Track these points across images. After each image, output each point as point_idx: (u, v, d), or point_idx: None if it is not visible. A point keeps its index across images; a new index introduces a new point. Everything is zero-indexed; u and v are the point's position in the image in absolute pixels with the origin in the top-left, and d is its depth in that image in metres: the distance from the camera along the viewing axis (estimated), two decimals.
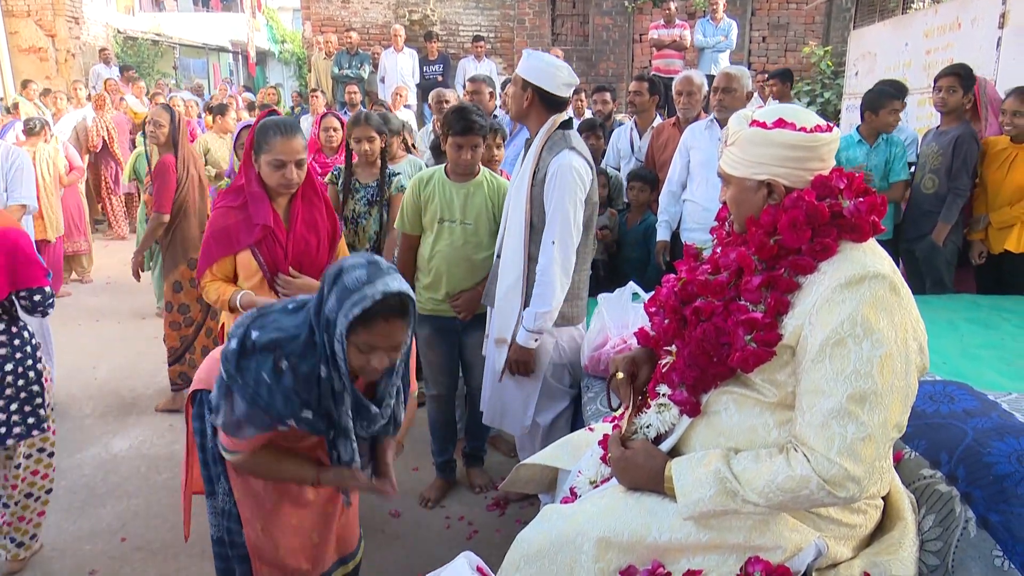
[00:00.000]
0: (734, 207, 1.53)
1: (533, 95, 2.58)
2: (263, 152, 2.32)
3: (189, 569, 2.76)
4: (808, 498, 1.35)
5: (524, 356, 2.65)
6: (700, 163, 3.82)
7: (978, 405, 1.79)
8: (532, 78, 2.57)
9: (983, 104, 4.01)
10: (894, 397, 1.33)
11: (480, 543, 2.88)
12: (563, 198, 2.51)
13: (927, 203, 4.05)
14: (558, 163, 2.52)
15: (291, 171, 2.32)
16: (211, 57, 19.68)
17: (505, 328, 2.70)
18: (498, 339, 2.74)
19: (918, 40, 6.46)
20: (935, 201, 3.99)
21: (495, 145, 3.49)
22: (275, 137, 2.29)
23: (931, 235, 3.99)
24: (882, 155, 4.16)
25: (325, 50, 10.24)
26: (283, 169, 2.31)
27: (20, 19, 11.20)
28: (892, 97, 4.12)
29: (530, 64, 2.59)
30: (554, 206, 2.52)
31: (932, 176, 4.03)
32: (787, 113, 1.46)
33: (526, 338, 2.61)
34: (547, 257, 2.54)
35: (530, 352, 2.65)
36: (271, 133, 2.30)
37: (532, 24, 10.67)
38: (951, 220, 3.92)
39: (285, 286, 2.38)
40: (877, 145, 4.17)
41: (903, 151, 4.16)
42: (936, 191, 4.00)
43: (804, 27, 10.46)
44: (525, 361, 2.66)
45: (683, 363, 1.51)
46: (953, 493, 1.55)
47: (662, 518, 1.49)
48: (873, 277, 1.34)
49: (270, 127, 2.33)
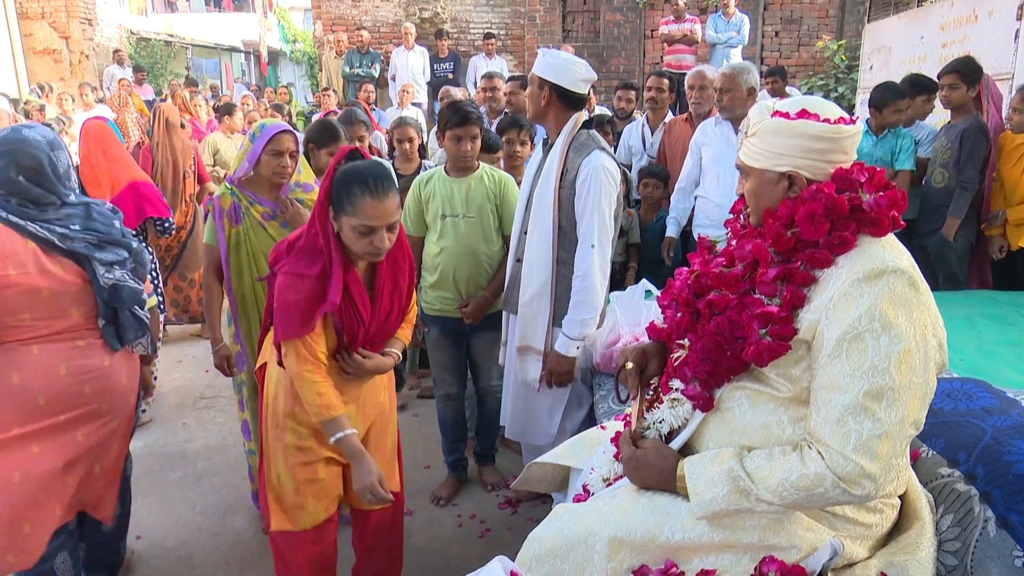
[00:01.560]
0: (753, 199, 1.50)
1: (551, 93, 2.53)
2: (346, 213, 1.89)
3: (204, 567, 2.77)
4: (823, 496, 1.33)
5: (566, 366, 2.58)
6: (711, 159, 3.79)
7: (997, 403, 1.76)
8: (549, 76, 2.52)
9: (986, 97, 4.01)
10: (912, 394, 1.30)
11: (492, 542, 2.87)
12: (599, 200, 2.47)
13: (938, 197, 4.05)
14: (590, 165, 2.47)
15: (381, 238, 1.92)
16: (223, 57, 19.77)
17: (530, 336, 2.65)
18: (521, 347, 2.68)
19: (934, 33, 6.38)
20: (945, 195, 3.98)
21: (519, 141, 3.48)
22: (362, 197, 1.86)
23: (942, 230, 3.97)
24: (888, 146, 4.20)
25: (336, 49, 10.27)
26: (372, 236, 1.90)
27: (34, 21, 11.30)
28: (897, 97, 4.16)
29: (546, 62, 2.55)
30: (590, 209, 2.47)
31: (942, 170, 4.04)
32: (810, 104, 1.44)
33: (567, 346, 2.55)
34: (587, 262, 2.50)
35: (572, 361, 2.58)
36: (357, 191, 1.87)
37: (543, 21, 10.63)
38: (960, 215, 3.90)
39: (356, 369, 2.07)
40: (884, 137, 4.21)
41: (910, 143, 4.18)
42: (946, 185, 3.99)
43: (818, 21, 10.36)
44: (567, 371, 2.59)
45: (696, 357, 1.49)
46: (972, 492, 1.52)
47: (675, 517, 1.47)
48: (892, 272, 1.31)
49: (355, 182, 1.88)
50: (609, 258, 2.57)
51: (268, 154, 2.65)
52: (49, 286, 2.05)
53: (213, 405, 4.17)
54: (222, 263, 2.72)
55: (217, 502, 3.20)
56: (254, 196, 2.72)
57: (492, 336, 3.01)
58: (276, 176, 2.68)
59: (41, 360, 2.06)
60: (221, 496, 3.25)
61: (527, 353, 2.67)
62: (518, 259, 2.72)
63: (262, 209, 2.72)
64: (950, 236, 3.94)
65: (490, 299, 2.98)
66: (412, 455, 3.53)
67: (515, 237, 2.75)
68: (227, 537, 2.95)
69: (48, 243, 2.05)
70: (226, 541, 2.92)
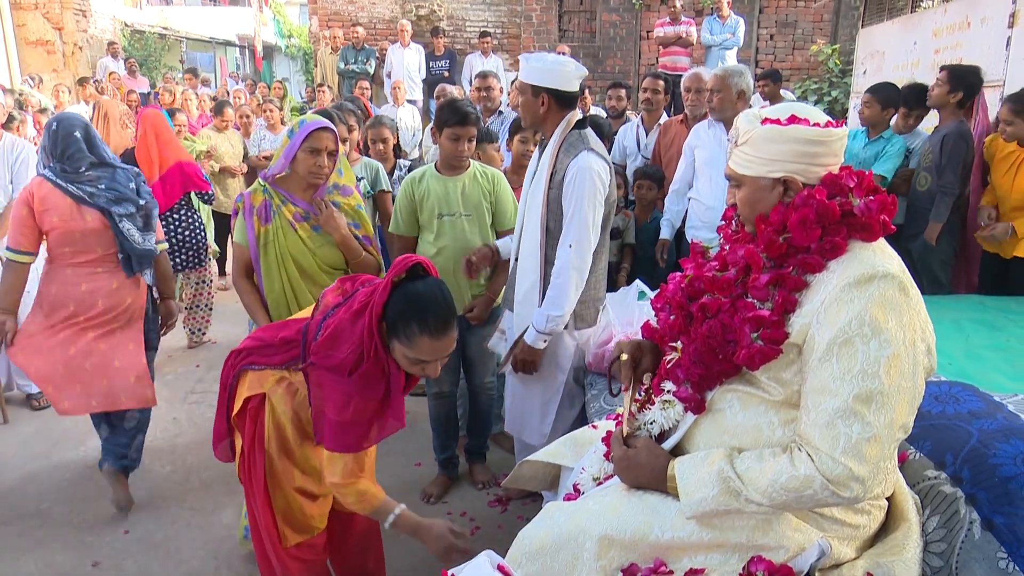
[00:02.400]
0: (747, 207, 1.50)
1: (549, 99, 2.50)
2: (401, 344, 1.76)
3: (191, 562, 2.76)
4: (812, 498, 1.34)
5: (531, 356, 2.62)
6: (704, 162, 3.80)
7: (984, 406, 1.77)
8: (544, 82, 2.48)
9: (977, 104, 4.08)
10: (901, 398, 1.32)
11: (483, 539, 2.88)
12: (582, 201, 2.45)
13: (921, 201, 4.10)
14: (577, 166, 2.46)
15: (435, 368, 1.83)
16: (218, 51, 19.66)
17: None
18: (500, 328, 2.72)
19: (927, 39, 6.41)
20: (929, 199, 4.03)
21: (533, 141, 3.45)
22: (420, 336, 1.72)
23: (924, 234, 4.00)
24: (874, 149, 4.23)
25: (331, 45, 10.24)
26: (424, 365, 1.81)
27: (28, 12, 11.21)
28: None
29: (536, 67, 2.50)
30: (573, 209, 2.47)
31: (925, 174, 4.09)
32: (798, 110, 1.45)
33: (535, 339, 2.57)
34: (563, 260, 2.50)
35: (538, 352, 2.61)
36: (416, 328, 1.72)
37: (539, 20, 10.63)
38: (941, 219, 3.93)
39: None
40: (876, 140, 4.24)
41: (899, 148, 4.19)
42: (929, 188, 4.04)
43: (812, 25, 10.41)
44: (531, 361, 2.63)
45: (688, 360, 1.51)
46: (958, 495, 1.54)
47: (665, 516, 1.48)
48: (882, 277, 1.33)
49: (414, 318, 1.72)
50: (588, 259, 2.53)
51: (305, 151, 2.53)
52: (81, 229, 2.83)
53: (203, 400, 4.16)
54: (252, 263, 2.63)
55: (206, 497, 3.20)
56: (287, 195, 2.60)
57: (486, 333, 3.01)
58: (312, 176, 2.56)
59: (69, 278, 2.88)
60: (210, 491, 3.24)
61: (503, 337, 2.71)
62: (515, 258, 2.73)
63: (294, 209, 2.60)
64: (932, 240, 3.97)
65: (493, 298, 2.99)
66: (403, 452, 3.53)
67: (516, 236, 2.75)
68: (215, 532, 2.95)
69: (79, 198, 2.82)
70: (214, 537, 2.92)
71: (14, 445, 3.65)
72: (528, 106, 2.55)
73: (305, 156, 2.53)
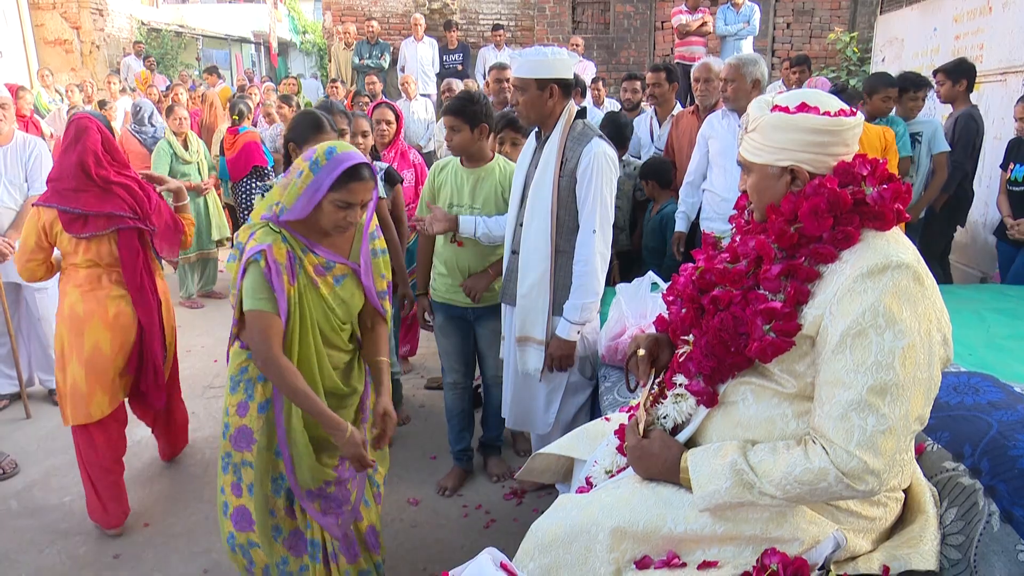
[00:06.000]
0: (755, 195, 1.49)
1: (557, 90, 2.52)
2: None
3: (210, 553, 2.79)
4: (826, 491, 1.33)
5: (567, 349, 2.62)
6: (718, 152, 3.77)
7: (1003, 397, 1.75)
8: (548, 73, 2.49)
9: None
10: (916, 389, 1.30)
11: (497, 532, 2.89)
12: (601, 186, 2.50)
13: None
14: (591, 152, 2.49)
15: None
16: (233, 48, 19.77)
17: (530, 326, 2.66)
18: (520, 337, 2.69)
19: (947, 25, 6.31)
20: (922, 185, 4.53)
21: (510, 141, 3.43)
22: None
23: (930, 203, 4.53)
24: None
25: (345, 40, 10.25)
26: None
27: (46, 11, 11.33)
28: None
29: (535, 61, 2.49)
30: (592, 195, 2.50)
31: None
32: (810, 97, 1.43)
33: (569, 330, 2.59)
34: (589, 248, 2.53)
35: (573, 345, 2.63)
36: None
37: (552, 12, 10.57)
38: (948, 190, 4.50)
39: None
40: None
41: (904, 130, 4.42)
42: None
43: (830, 13, 10.26)
44: (568, 355, 2.64)
45: (700, 353, 1.49)
46: (976, 486, 1.52)
47: (678, 509, 1.47)
48: (896, 267, 1.31)
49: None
50: (610, 244, 2.59)
51: (332, 204, 1.96)
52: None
53: (221, 395, 4.20)
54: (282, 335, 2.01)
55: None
56: (307, 242, 2.04)
57: (498, 325, 3.02)
58: (337, 229, 2.03)
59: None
60: None
61: (527, 344, 2.68)
62: (514, 251, 2.72)
63: (316, 260, 2.06)
64: (936, 207, 4.55)
65: (492, 275, 2.97)
66: (418, 445, 3.54)
67: (510, 229, 2.75)
68: None
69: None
70: None
71: (36, 440, 3.71)
72: (534, 102, 2.54)
73: (333, 209, 1.97)
